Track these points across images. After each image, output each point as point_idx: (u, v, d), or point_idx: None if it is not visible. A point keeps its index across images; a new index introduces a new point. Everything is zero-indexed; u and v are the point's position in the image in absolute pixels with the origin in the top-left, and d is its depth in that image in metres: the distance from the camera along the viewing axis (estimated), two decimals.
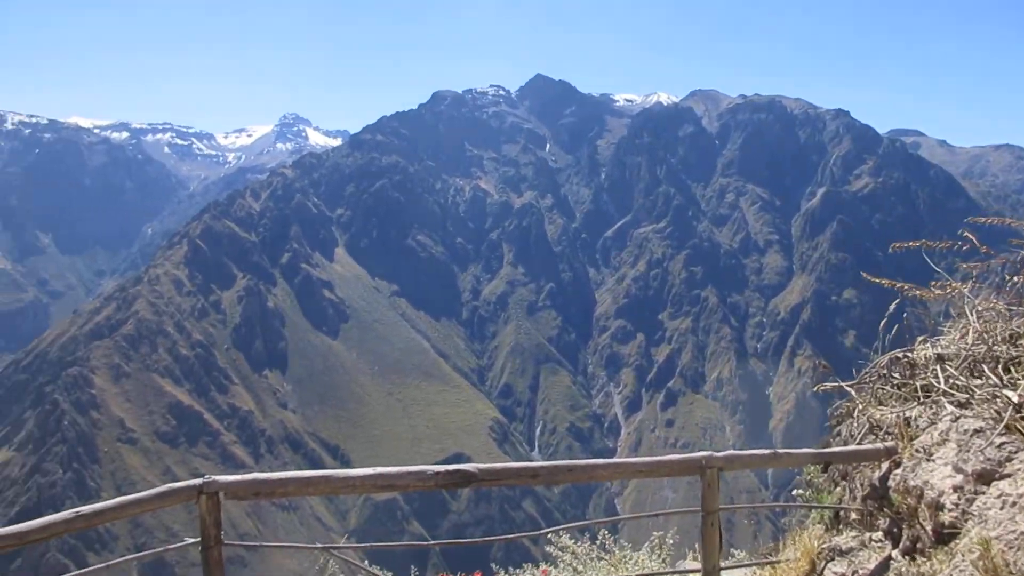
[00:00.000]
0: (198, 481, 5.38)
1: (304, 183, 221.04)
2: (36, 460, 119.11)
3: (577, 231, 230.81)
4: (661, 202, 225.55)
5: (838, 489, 6.74)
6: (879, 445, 5.86)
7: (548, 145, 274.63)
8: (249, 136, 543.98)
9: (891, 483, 5.65)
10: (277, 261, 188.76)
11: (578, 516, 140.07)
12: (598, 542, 8.20)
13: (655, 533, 8.41)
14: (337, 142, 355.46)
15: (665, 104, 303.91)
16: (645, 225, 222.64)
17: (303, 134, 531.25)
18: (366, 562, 7.27)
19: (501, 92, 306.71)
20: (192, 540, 5.55)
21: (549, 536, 7.88)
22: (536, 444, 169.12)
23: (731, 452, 5.69)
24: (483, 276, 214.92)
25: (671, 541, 8.27)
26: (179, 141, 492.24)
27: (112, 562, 6.46)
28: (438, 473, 5.41)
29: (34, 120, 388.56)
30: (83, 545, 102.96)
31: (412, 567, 9.74)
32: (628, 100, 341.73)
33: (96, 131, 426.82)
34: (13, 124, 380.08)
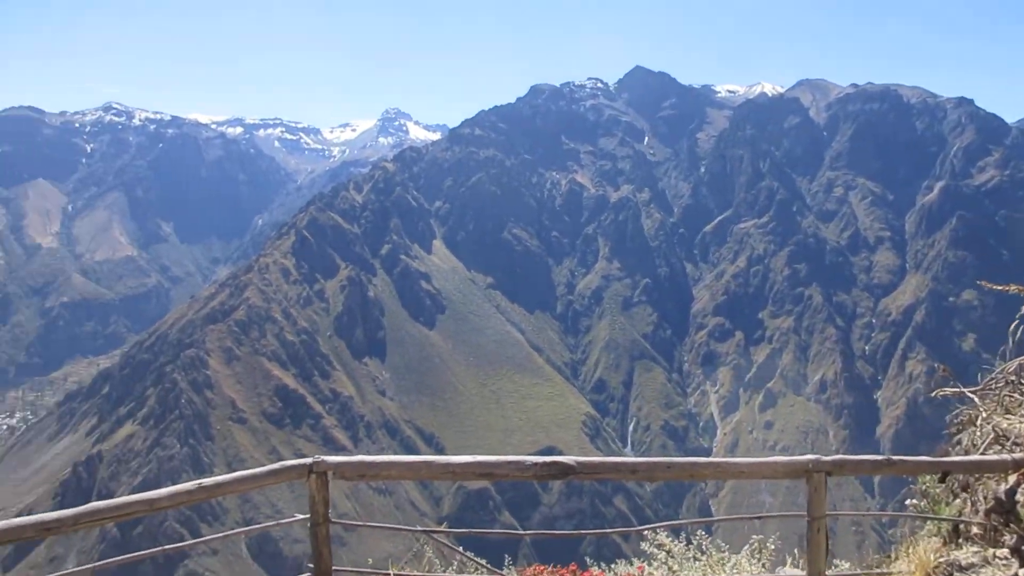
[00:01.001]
0: (308, 460, 5.65)
1: (404, 176, 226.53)
2: (157, 434, 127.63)
3: (675, 226, 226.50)
4: (763, 196, 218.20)
5: (957, 501, 6.36)
6: (1006, 456, 5.49)
7: (646, 138, 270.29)
8: (353, 130, 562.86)
9: (1019, 497, 5.28)
10: (378, 252, 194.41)
11: (670, 515, 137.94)
12: (695, 542, 8.05)
13: (754, 536, 8.18)
14: (436, 136, 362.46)
15: (770, 95, 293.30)
16: (746, 220, 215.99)
17: (404, 128, 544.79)
18: (460, 548, 7.41)
19: (599, 85, 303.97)
20: (302, 516, 5.84)
21: (645, 533, 7.81)
22: (629, 441, 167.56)
23: (840, 456, 5.47)
24: (578, 270, 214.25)
25: (772, 546, 8.03)
26: (288, 136, 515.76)
27: (227, 533, 6.88)
28: (536, 464, 5.46)
29: (159, 116, 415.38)
30: (197, 516, 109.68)
31: (506, 556, 9.85)
32: (730, 91, 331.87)
33: (213, 126, 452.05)
34: (140, 120, 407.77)
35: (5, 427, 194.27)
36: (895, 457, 5.62)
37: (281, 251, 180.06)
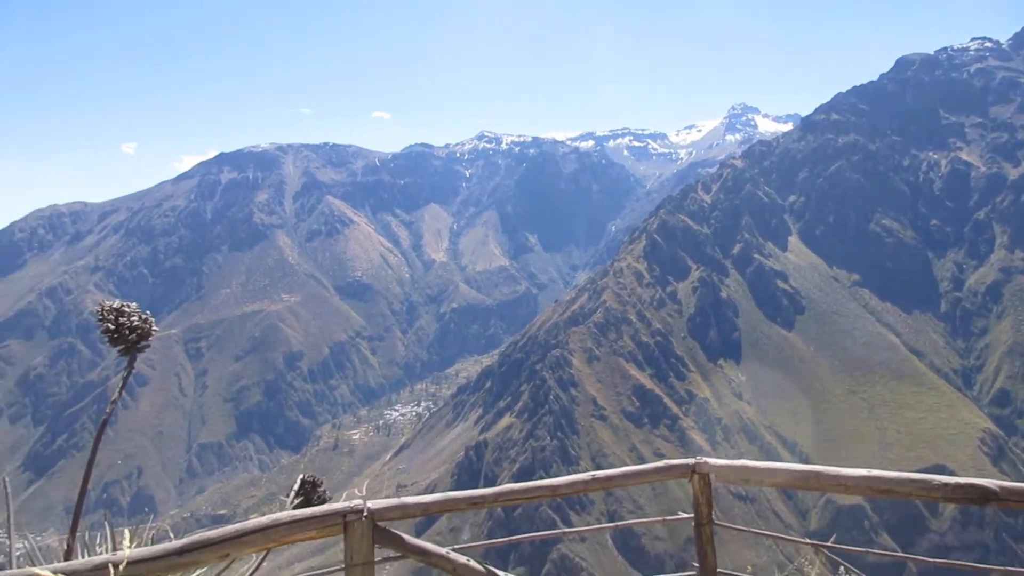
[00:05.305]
0: (692, 461, 5.80)
1: (754, 172, 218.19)
2: (530, 427, 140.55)
3: None
4: None
5: None
6: None
7: None
8: (699, 131, 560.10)
9: None
10: (729, 252, 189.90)
11: None
12: None
13: None
14: (787, 127, 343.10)
15: None
16: None
17: (752, 123, 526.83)
18: (841, 569, 6.90)
19: (987, 45, 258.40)
20: (686, 516, 6.02)
21: None
22: None
23: None
24: (967, 263, 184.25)
25: None
26: (636, 143, 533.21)
27: (615, 524, 7.39)
28: (946, 485, 4.89)
29: (522, 139, 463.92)
30: (567, 505, 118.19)
31: None
32: None
33: (568, 142, 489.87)
34: (507, 144, 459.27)
35: (415, 414, 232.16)
36: None
37: (634, 255, 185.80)
